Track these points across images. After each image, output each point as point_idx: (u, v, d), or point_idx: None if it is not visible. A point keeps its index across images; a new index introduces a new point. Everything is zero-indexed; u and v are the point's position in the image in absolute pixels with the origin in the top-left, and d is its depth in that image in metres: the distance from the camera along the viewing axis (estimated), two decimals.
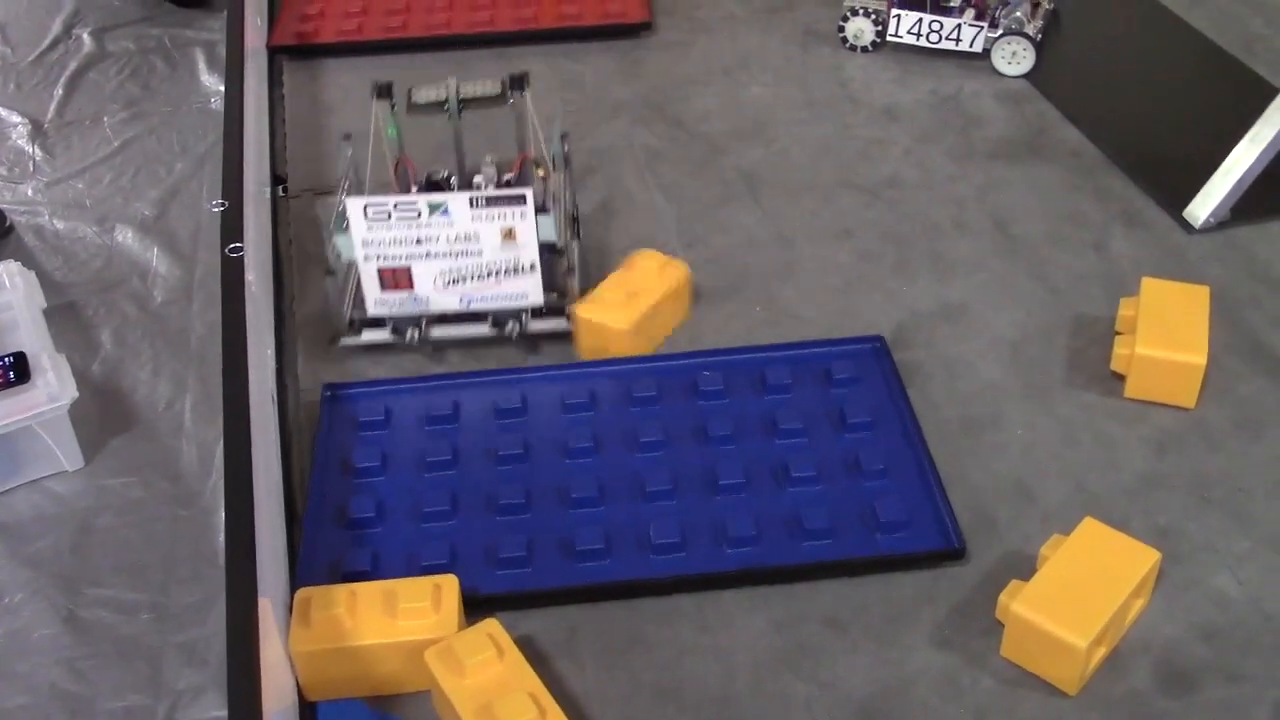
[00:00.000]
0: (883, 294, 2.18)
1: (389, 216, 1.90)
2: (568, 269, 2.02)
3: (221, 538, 1.74)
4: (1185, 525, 1.75)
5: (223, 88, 2.69)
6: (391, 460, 1.86)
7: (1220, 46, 2.79)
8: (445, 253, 1.94)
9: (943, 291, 2.18)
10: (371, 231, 1.91)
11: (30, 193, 2.47)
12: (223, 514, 1.74)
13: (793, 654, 1.62)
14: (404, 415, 1.93)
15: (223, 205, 2.06)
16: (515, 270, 1.96)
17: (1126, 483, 1.82)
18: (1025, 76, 2.72)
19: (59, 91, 2.78)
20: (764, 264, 2.25)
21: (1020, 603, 1.55)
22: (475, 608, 1.63)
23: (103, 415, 1.97)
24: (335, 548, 1.73)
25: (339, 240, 1.95)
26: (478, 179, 2.09)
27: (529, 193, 1.91)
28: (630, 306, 1.98)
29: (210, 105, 2.72)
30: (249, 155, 2.26)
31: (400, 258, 1.94)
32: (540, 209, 1.93)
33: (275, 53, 2.88)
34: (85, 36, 2.96)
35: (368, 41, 2.90)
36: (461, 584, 1.61)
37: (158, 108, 2.73)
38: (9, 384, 1.83)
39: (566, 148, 2.14)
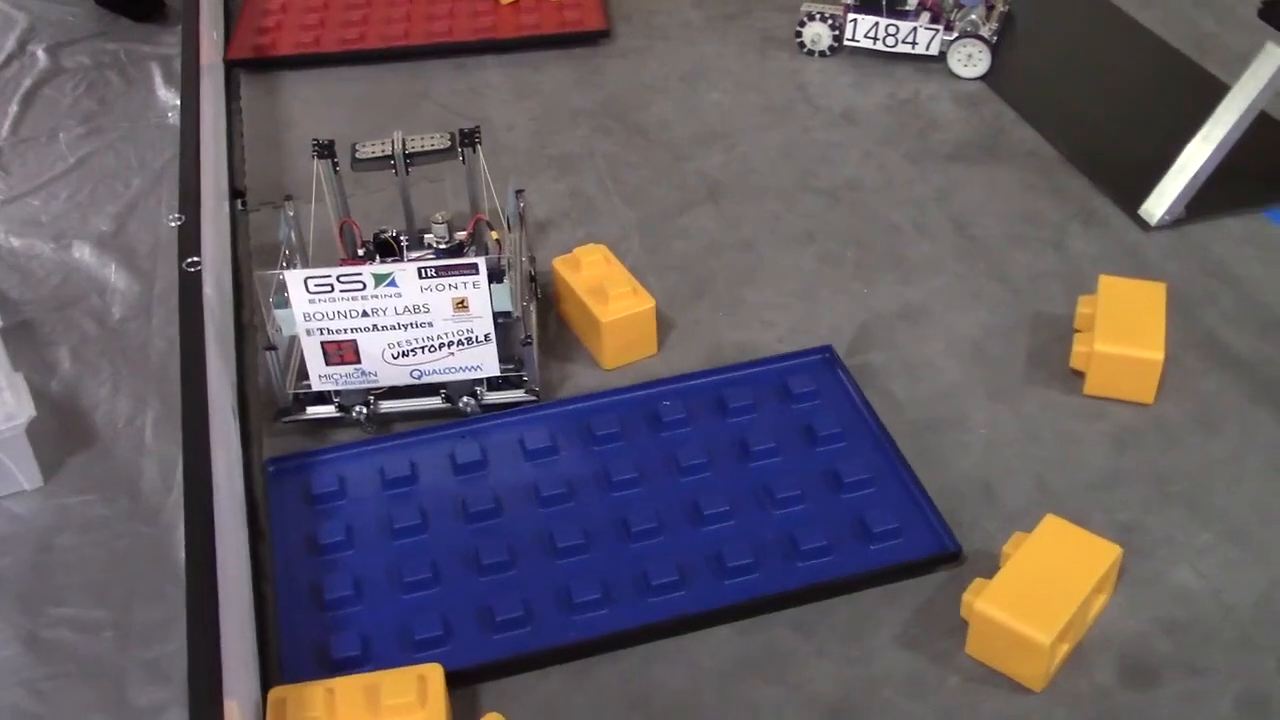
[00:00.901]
0: (846, 296, 2.18)
1: (332, 289, 1.80)
2: (525, 338, 1.93)
3: (182, 554, 1.71)
4: (1145, 520, 1.77)
5: (179, 102, 2.68)
6: (357, 531, 1.77)
7: (1172, 45, 2.82)
8: (393, 325, 1.84)
9: (904, 293, 2.19)
10: (314, 305, 1.81)
11: None
12: (182, 530, 1.72)
13: (759, 659, 1.62)
14: (359, 482, 1.84)
15: (180, 220, 2.04)
16: (469, 341, 1.87)
17: (1087, 479, 1.83)
18: (981, 79, 2.74)
19: (14, 108, 2.75)
20: (727, 269, 2.26)
21: (984, 601, 1.56)
22: (466, 680, 1.58)
23: (62, 433, 1.95)
24: (316, 633, 1.63)
25: (279, 314, 1.85)
26: (428, 238, 2.01)
27: (481, 262, 1.81)
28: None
29: (168, 120, 2.70)
30: (206, 169, 2.25)
31: (345, 330, 1.84)
32: (494, 277, 1.85)
33: (232, 66, 2.87)
34: (40, 52, 2.94)
35: (325, 54, 2.89)
36: (458, 656, 1.56)
37: (114, 123, 2.71)
38: None
39: (522, 204, 2.05)
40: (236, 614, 1.54)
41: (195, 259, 1.93)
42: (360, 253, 2.03)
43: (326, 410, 1.94)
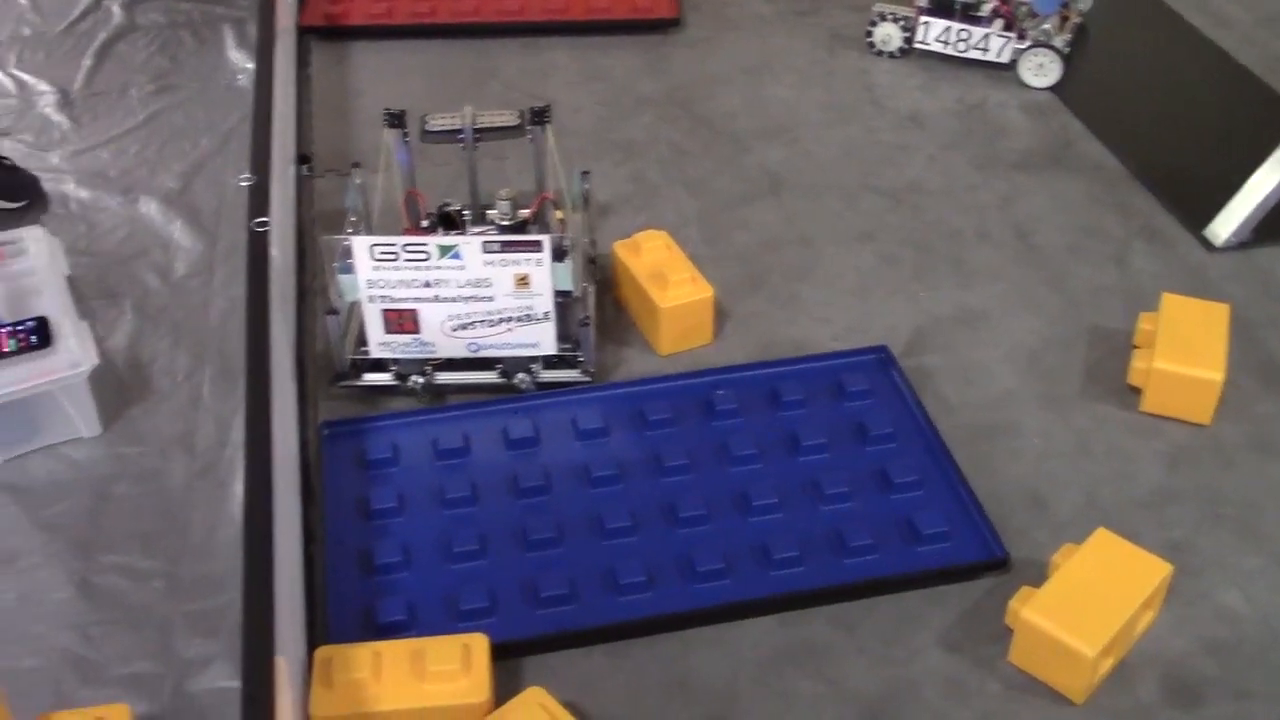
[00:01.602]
0: (903, 298, 2.18)
1: (396, 257, 1.82)
2: (583, 319, 1.94)
3: (236, 509, 1.74)
4: (1196, 540, 1.76)
5: (250, 65, 2.70)
6: (408, 499, 1.78)
7: (1246, 68, 2.79)
8: (454, 297, 1.85)
9: (962, 297, 2.18)
10: (378, 272, 1.83)
11: (56, 161, 2.48)
12: (239, 485, 1.74)
13: (799, 652, 1.62)
14: (412, 451, 1.85)
15: (250, 180, 2.05)
16: (528, 318, 1.88)
17: (1139, 495, 1.82)
18: (1051, 89, 2.72)
19: (88, 61, 2.78)
20: (785, 263, 2.26)
21: (1030, 609, 1.55)
22: (509, 654, 1.59)
23: (121, 384, 1.98)
24: (364, 598, 1.65)
25: (343, 280, 1.86)
26: (491, 214, 2.03)
27: (546, 239, 1.82)
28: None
29: (237, 82, 2.72)
30: (276, 132, 2.27)
31: (407, 300, 1.86)
32: (557, 255, 1.85)
33: (304, 33, 2.89)
34: (115, 8, 2.97)
35: (396, 25, 2.91)
36: (503, 629, 1.57)
37: (185, 82, 2.73)
38: (31, 348, 1.84)
39: (587, 186, 2.06)
40: (288, 573, 1.56)
41: (264, 219, 1.95)
42: (424, 224, 2.04)
43: (383, 378, 1.96)
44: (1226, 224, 2.27)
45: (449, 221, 2.03)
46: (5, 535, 1.75)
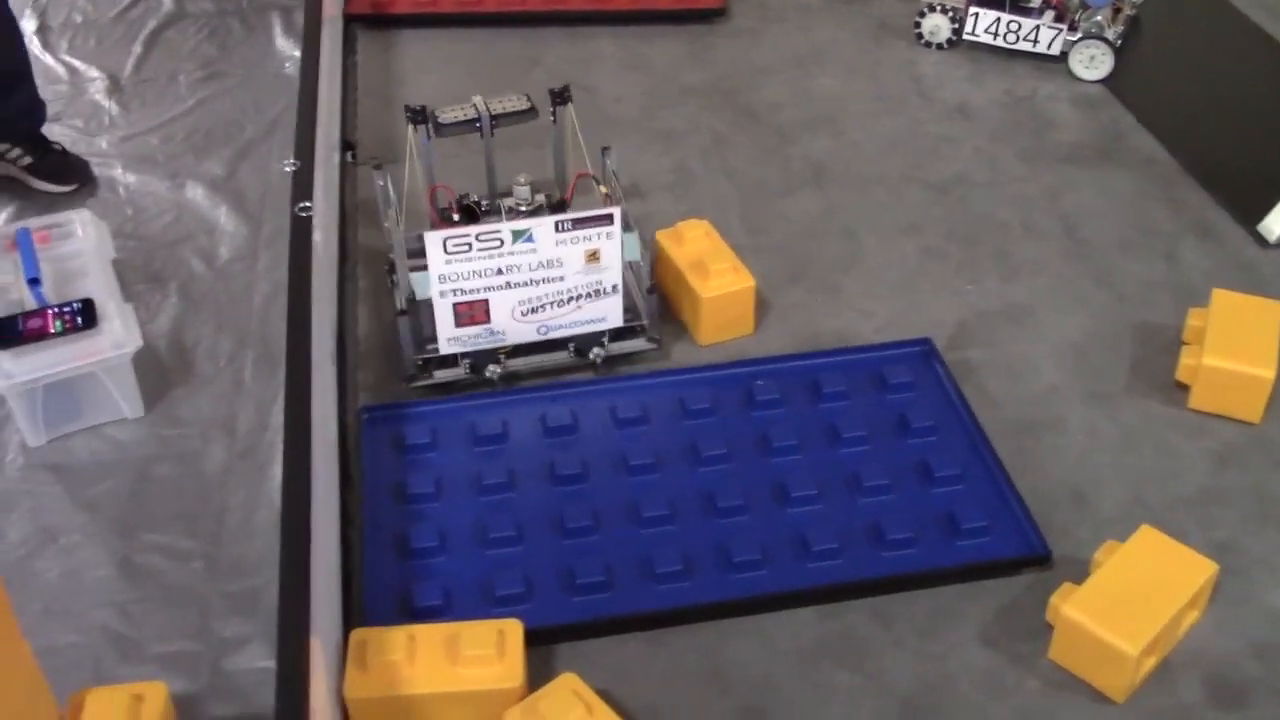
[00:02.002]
0: (947, 291, 2.16)
1: (470, 248, 1.82)
2: (650, 286, 1.96)
3: (275, 491, 1.75)
4: (1243, 540, 1.72)
5: (297, 54, 2.72)
6: (445, 484, 1.79)
7: None
8: (526, 281, 1.87)
9: (1007, 292, 2.15)
10: (450, 266, 1.83)
11: (104, 145, 2.51)
12: (278, 469, 1.75)
13: (837, 644, 1.61)
14: (451, 436, 1.86)
15: (295, 165, 2.06)
16: (597, 294, 1.91)
17: (1185, 494, 1.79)
18: (1102, 81, 2.68)
19: (137, 48, 2.81)
20: (827, 254, 2.24)
21: (1072, 605, 1.53)
22: (544, 640, 1.59)
23: (164, 366, 2.00)
24: (400, 581, 1.65)
25: (414, 278, 1.87)
26: (508, 202, 2.04)
27: (617, 211, 1.85)
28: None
29: (284, 70, 2.74)
30: (321, 119, 2.27)
31: (478, 290, 1.87)
32: (625, 227, 1.88)
33: (350, 21, 2.90)
34: None
35: (442, 14, 2.92)
36: (538, 615, 1.57)
37: (233, 69, 2.76)
38: (76, 329, 1.85)
39: (609, 161, 2.05)
40: (325, 555, 1.57)
41: (307, 204, 1.96)
42: (456, 218, 2.05)
43: (455, 373, 1.95)
44: None
45: (469, 213, 2.04)
46: (48, 514, 1.77)
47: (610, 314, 1.94)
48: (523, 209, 2.03)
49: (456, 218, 2.04)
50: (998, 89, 2.68)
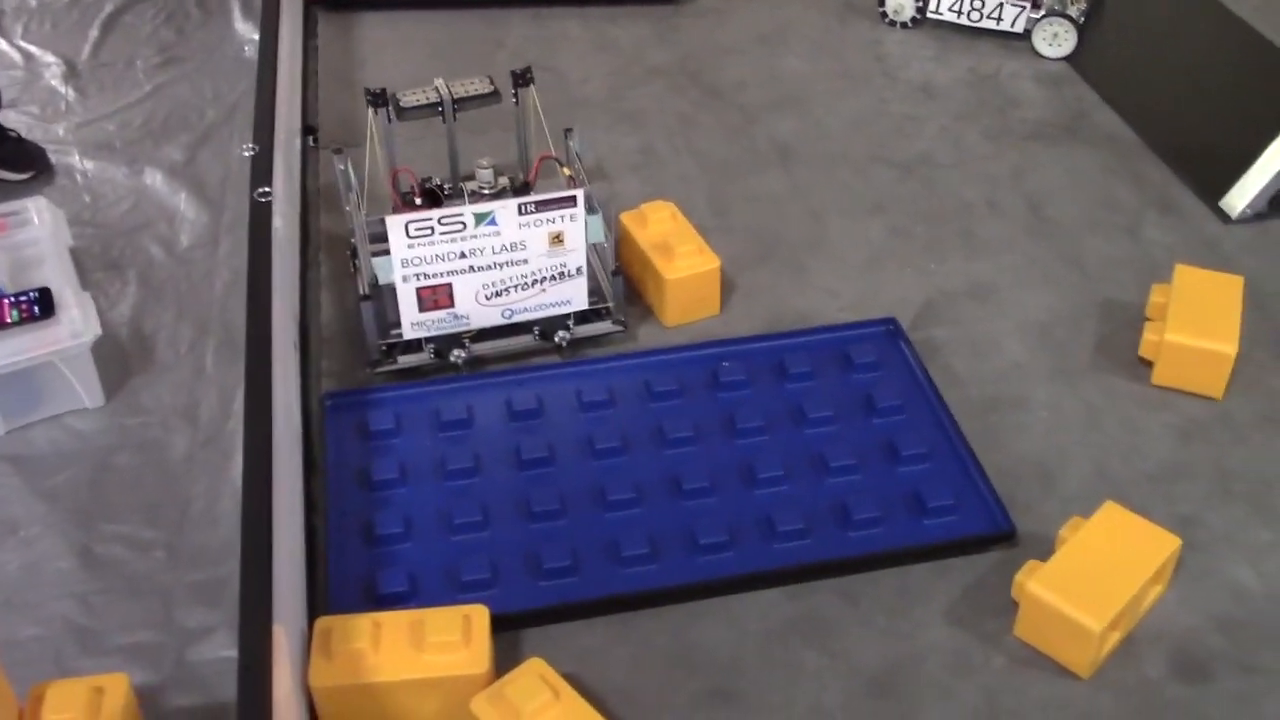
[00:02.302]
0: (912, 271, 2.16)
1: (432, 232, 1.81)
2: (615, 269, 1.95)
3: (238, 479, 1.73)
4: (1206, 515, 1.74)
5: (257, 36, 2.68)
6: (410, 470, 1.77)
7: (1264, 36, 2.74)
8: (489, 264, 1.85)
9: (972, 270, 2.16)
10: (412, 249, 1.81)
11: (61, 132, 2.47)
12: (238, 458, 1.73)
13: (804, 624, 1.61)
14: (415, 422, 1.84)
15: (253, 150, 2.04)
16: (561, 276, 1.89)
17: (1149, 469, 1.80)
18: (1066, 59, 2.68)
19: (94, 33, 2.77)
20: (793, 234, 2.24)
21: (1037, 582, 1.53)
22: (511, 625, 1.58)
23: (125, 355, 1.97)
24: (365, 569, 1.63)
25: (377, 263, 1.85)
26: (471, 185, 2.03)
27: (580, 194, 1.83)
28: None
29: (244, 54, 2.71)
30: (281, 103, 2.25)
31: (441, 274, 1.85)
32: (590, 209, 1.87)
33: (311, 4, 2.87)
34: None
35: None
36: (505, 601, 1.56)
37: (191, 54, 2.72)
38: (33, 318, 1.83)
39: (573, 143, 2.02)
40: (287, 544, 1.55)
41: (266, 189, 1.94)
42: (417, 201, 2.03)
43: (420, 358, 1.94)
44: (1242, 195, 2.24)
45: (431, 197, 2.03)
46: (7, 505, 1.75)
47: (575, 297, 1.93)
48: (485, 192, 2.01)
49: (419, 201, 2.02)
50: (962, 67, 2.68)
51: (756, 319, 2.06)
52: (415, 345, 1.94)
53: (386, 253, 1.83)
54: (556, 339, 1.96)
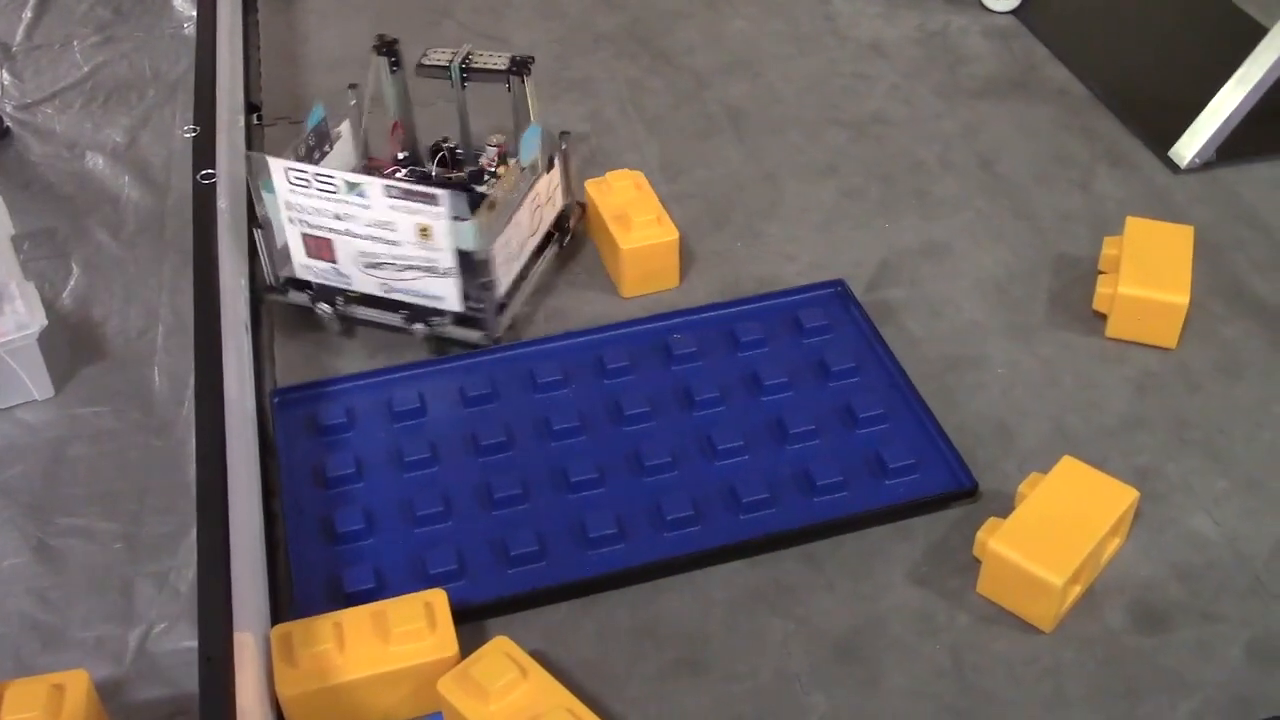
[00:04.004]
0: (868, 232, 2.15)
1: (309, 185, 1.78)
2: (485, 282, 1.84)
3: (194, 468, 1.71)
4: (1164, 465, 1.75)
5: (195, 12, 2.63)
6: (366, 464, 1.74)
7: None
8: (364, 235, 1.82)
9: (927, 229, 2.16)
10: (294, 196, 1.80)
11: None
12: (194, 444, 1.71)
13: (768, 591, 1.61)
14: (367, 414, 1.81)
15: (194, 131, 2.00)
16: (431, 271, 1.82)
17: (1106, 422, 1.81)
18: (1014, 13, 2.68)
19: (28, 14, 2.71)
20: (747, 199, 2.23)
21: (997, 540, 1.54)
22: (482, 615, 1.57)
23: (73, 344, 1.94)
24: (329, 567, 1.61)
25: (266, 197, 1.85)
26: (481, 160, 2.01)
27: (443, 195, 1.75)
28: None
29: (183, 31, 2.66)
30: (222, 81, 2.22)
31: (322, 228, 1.83)
32: (462, 215, 1.80)
33: None
34: None
35: None
36: (474, 590, 1.55)
37: (129, 33, 2.67)
38: None
39: (564, 146, 1.99)
40: (246, 541, 1.52)
41: (210, 171, 1.90)
42: (400, 156, 2.00)
43: (302, 298, 1.93)
44: (1190, 145, 2.25)
45: (440, 159, 2.00)
46: None
47: (448, 295, 1.86)
48: (492, 168, 2.00)
49: (402, 156, 2.02)
50: (910, 24, 2.67)
51: (714, 287, 2.05)
52: (305, 285, 1.93)
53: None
54: (414, 328, 1.90)
